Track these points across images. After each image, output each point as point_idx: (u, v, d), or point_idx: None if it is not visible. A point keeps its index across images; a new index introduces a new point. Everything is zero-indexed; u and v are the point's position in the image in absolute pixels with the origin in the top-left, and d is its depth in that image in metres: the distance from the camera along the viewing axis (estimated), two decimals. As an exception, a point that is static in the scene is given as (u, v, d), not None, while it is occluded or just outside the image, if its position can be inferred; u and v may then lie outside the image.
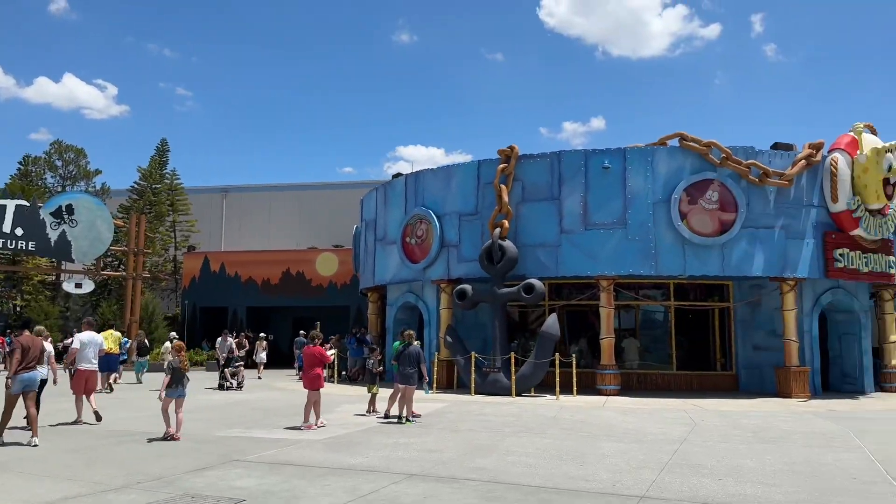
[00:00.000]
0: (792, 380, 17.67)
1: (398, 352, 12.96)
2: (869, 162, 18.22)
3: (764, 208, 17.96)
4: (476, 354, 17.83)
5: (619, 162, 18.31)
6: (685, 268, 17.88)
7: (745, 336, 19.91)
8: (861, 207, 18.36)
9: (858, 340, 19.90)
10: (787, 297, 18.15)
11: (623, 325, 21.59)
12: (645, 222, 17.97)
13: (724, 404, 15.87)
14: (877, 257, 18.97)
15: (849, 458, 9.13)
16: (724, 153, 17.87)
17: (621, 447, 9.84)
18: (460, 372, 18.59)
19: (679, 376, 19.94)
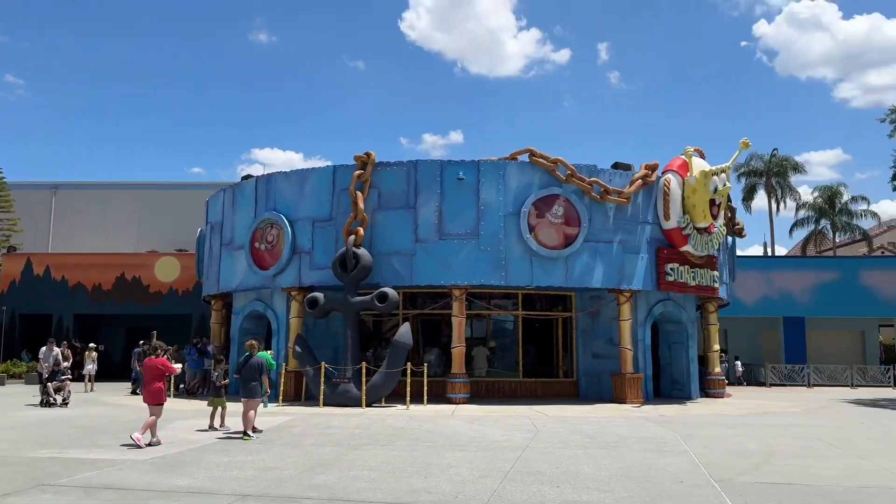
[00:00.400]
0: (627, 386, 18.68)
1: (239, 363, 12.26)
2: (698, 183, 19.70)
3: (604, 224, 18.91)
4: (326, 365, 17.33)
5: (473, 174, 18.58)
6: (533, 279, 18.43)
7: (585, 345, 20.86)
8: (690, 225, 19.80)
9: (686, 349, 21.48)
10: (623, 307, 19.19)
11: (476, 334, 21.96)
12: (496, 234, 18.34)
13: (566, 410, 16.45)
14: (703, 272, 20.52)
15: (677, 462, 9.64)
16: (570, 170, 18.64)
17: (466, 456, 9.83)
18: (309, 383, 17.99)
19: (525, 383, 20.52)
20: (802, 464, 9.62)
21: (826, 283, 30.72)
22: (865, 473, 8.99)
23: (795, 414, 17.20)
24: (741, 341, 32.70)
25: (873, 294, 30.64)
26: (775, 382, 29.01)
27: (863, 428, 14.30)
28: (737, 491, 7.75)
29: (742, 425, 14.29)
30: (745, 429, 13.67)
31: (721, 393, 21.84)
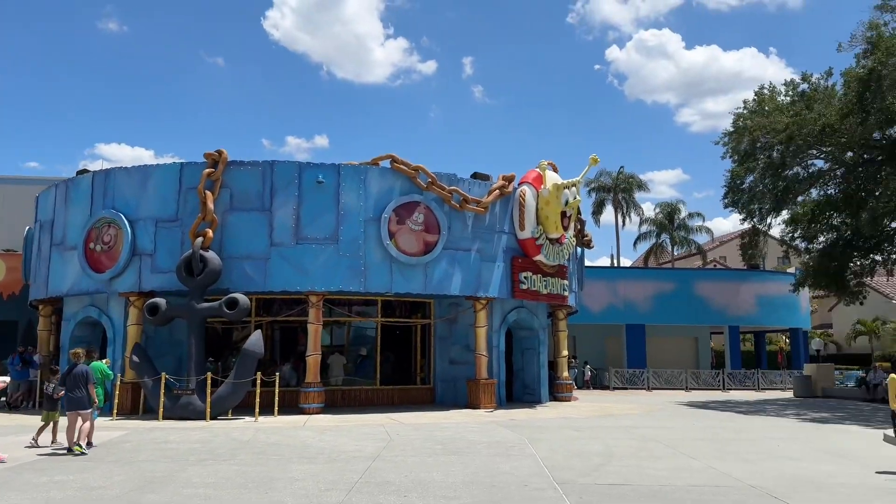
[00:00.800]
0: (481, 392, 18.97)
1: (63, 374, 11.15)
2: (550, 196, 20.42)
3: (462, 232, 19.13)
4: (168, 376, 16.22)
5: (333, 177, 18.17)
6: (392, 285, 18.27)
7: (442, 351, 21.00)
8: (543, 236, 20.47)
9: (538, 355, 22.18)
10: (479, 314, 19.49)
11: (336, 342, 21.48)
12: (356, 239, 18.02)
13: (421, 417, 16.42)
14: (554, 280, 21.28)
15: (524, 465, 9.81)
16: (431, 178, 18.71)
17: (313, 469, 9.46)
18: (148, 395, 16.75)
19: (382, 391, 20.31)
20: (639, 464, 10.09)
21: (664, 292, 32.97)
22: (695, 472, 9.56)
23: (635, 416, 18.20)
24: (588, 347, 34.36)
25: (706, 304, 33.25)
26: (618, 386, 30.69)
27: (694, 429, 15.34)
28: (577, 492, 7.95)
29: (586, 427, 14.88)
30: (588, 431, 14.24)
31: (569, 396, 22.76)
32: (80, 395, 10.85)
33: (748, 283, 34.25)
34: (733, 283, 34.09)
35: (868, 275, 24.98)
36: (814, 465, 10.38)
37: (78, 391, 10.85)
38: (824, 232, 25.03)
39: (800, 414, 19.55)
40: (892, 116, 19.38)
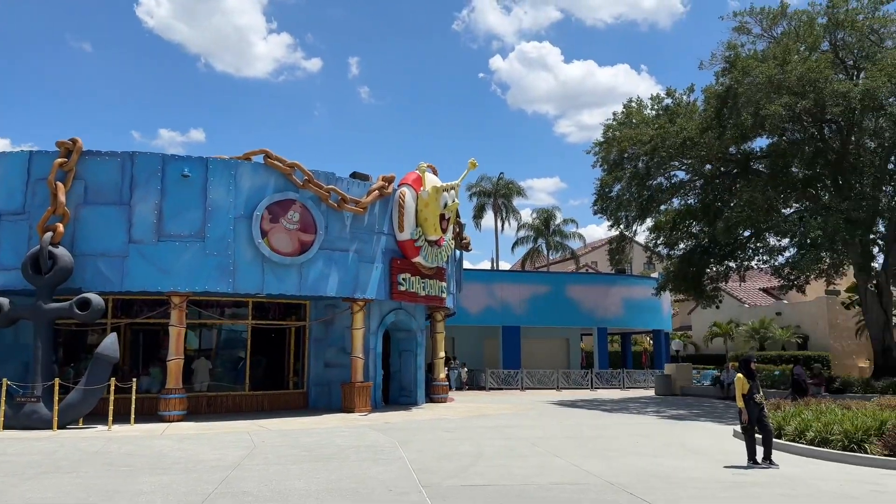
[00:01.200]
0: (356, 395, 18.66)
1: None
2: (430, 198, 20.44)
3: (340, 232, 18.75)
4: (9, 382, 14.79)
5: (200, 171, 17.27)
6: (264, 286, 17.60)
7: (317, 354, 20.50)
8: (422, 238, 20.45)
9: (415, 357, 22.12)
10: (356, 316, 19.18)
11: (205, 345, 20.45)
12: (225, 237, 17.21)
13: (291, 423, 15.90)
14: (433, 282, 21.30)
15: (391, 469, 9.64)
16: (307, 176, 18.21)
17: (165, 480, 8.85)
18: (-15, 403, 15.19)
19: (251, 397, 19.53)
20: (505, 463, 10.19)
21: (539, 295, 33.91)
22: (558, 470, 9.75)
23: (507, 415, 18.52)
24: (466, 348, 34.77)
25: (577, 306, 34.50)
26: (494, 386, 31.22)
27: (561, 427, 15.77)
28: (442, 495, 7.87)
29: (458, 428, 14.94)
30: (460, 432, 14.29)
31: (445, 398, 22.86)
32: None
33: (616, 287, 35.89)
34: (602, 287, 35.60)
35: (723, 280, 26.80)
36: (669, 460, 10.89)
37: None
38: (684, 239, 26.62)
39: (659, 411, 20.62)
40: (746, 132, 20.92)
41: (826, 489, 8.64)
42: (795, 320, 38.83)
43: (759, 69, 19.85)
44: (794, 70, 19.42)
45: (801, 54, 20.44)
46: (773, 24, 22.54)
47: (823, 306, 36.84)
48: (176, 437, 13.37)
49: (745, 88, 19.92)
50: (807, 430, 12.01)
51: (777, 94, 19.38)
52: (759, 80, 19.59)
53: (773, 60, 20.13)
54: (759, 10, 22.63)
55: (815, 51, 20.85)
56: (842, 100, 19.12)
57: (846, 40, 21.97)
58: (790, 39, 21.28)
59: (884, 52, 20.79)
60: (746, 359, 10.69)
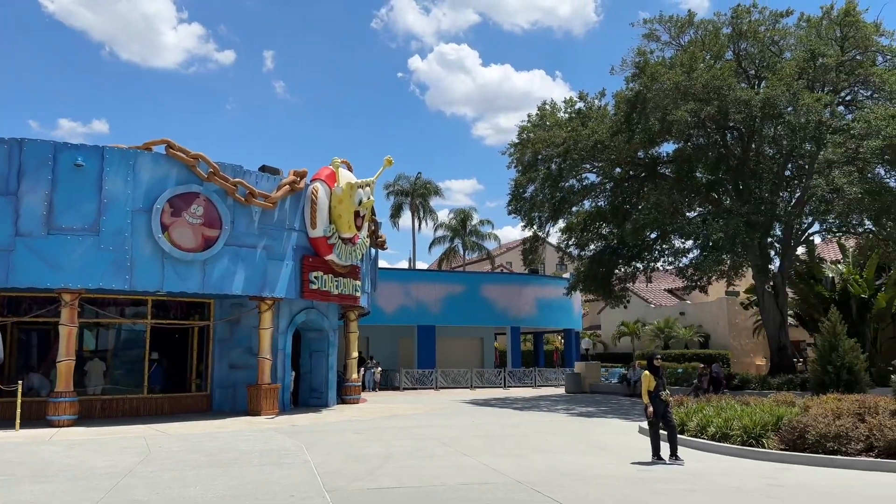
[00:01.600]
0: (263, 397, 17.99)
1: None
2: (344, 194, 19.94)
3: (248, 228, 18.04)
4: None
5: (96, 161, 16.22)
6: (164, 283, 16.71)
7: (222, 355, 19.68)
8: (336, 235, 19.95)
9: (326, 357, 21.57)
10: (264, 315, 18.50)
11: (102, 346, 19.25)
12: (122, 231, 16.23)
13: (192, 427, 15.14)
14: (346, 281, 20.83)
15: (295, 474, 9.23)
16: (213, 168, 17.41)
17: (48, 489, 8.15)
18: None
19: (150, 400, 18.53)
20: (415, 464, 9.96)
21: (455, 295, 33.93)
22: (467, 470, 9.60)
23: (419, 415, 18.31)
24: (381, 348, 34.40)
25: (491, 305, 34.74)
26: (408, 386, 30.99)
27: (472, 426, 15.69)
28: (347, 499, 7.56)
29: (369, 430, 14.61)
30: (370, 433, 13.97)
31: (357, 399, 22.44)
32: None
33: (529, 287, 36.38)
34: (516, 287, 36.00)
35: (630, 280, 27.55)
36: (577, 457, 10.95)
37: None
38: (594, 240, 27.21)
39: (569, 409, 20.92)
40: (654, 136, 21.56)
41: (726, 484, 8.85)
42: (698, 320, 40.48)
43: (667, 76, 20.49)
44: (699, 77, 20.14)
45: (706, 62, 21.25)
46: (680, 33, 23.35)
47: (724, 306, 38.56)
48: (64, 444, 12.45)
49: (653, 94, 20.51)
50: (708, 425, 12.35)
51: (683, 101, 20.06)
52: (666, 86, 20.22)
53: (680, 68, 20.82)
54: (668, 19, 23.41)
55: (720, 59, 21.73)
56: (744, 107, 19.98)
57: (748, 50, 23.01)
58: (697, 48, 22.11)
59: (783, 63, 21.87)
60: (651, 356, 10.88)
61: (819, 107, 19.73)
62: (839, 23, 21.90)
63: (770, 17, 22.95)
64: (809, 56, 21.51)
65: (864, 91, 22.33)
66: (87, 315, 17.66)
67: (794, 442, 10.68)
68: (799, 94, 19.91)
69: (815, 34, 22.38)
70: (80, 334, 17.94)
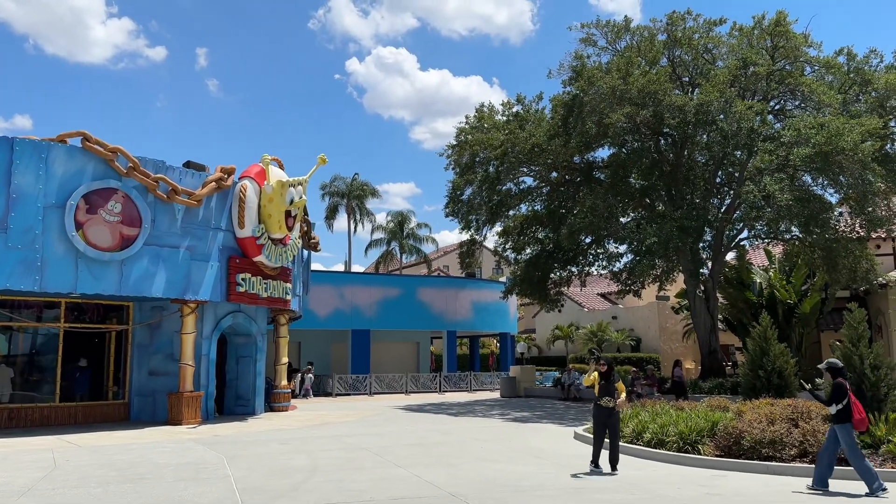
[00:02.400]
0: (184, 406, 17.05)
1: None
2: (274, 193, 19.16)
3: (170, 226, 17.10)
4: None
5: (4, 153, 15.03)
6: (77, 285, 15.63)
7: (141, 361, 18.60)
8: (265, 235, 19.13)
9: (254, 363, 20.67)
10: (187, 319, 17.56)
11: (11, 351, 17.89)
12: (32, 228, 15.08)
13: (106, 438, 14.15)
14: (276, 283, 20.01)
15: (212, 490, 8.57)
16: (132, 163, 16.42)
17: (-77, 518, 7.25)
18: None
19: (61, 409, 17.31)
20: (343, 478, 9.41)
21: (390, 298, 33.35)
22: (399, 482, 9.12)
23: (350, 423, 17.69)
24: (313, 353, 33.51)
25: (428, 309, 34.30)
26: (341, 392, 30.24)
27: (405, 434, 15.19)
28: (266, 520, 6.97)
29: (296, 439, 13.93)
30: (297, 443, 13.31)
31: (286, 406, 21.61)
32: None
33: (466, 291, 36.13)
34: (452, 290, 35.69)
35: (566, 284, 27.56)
36: (513, 466, 10.60)
37: None
38: (531, 244, 27.12)
39: (504, 414, 20.67)
40: (590, 140, 21.55)
41: (664, 493, 8.64)
42: (630, 324, 41.05)
43: (604, 80, 20.51)
44: (635, 82, 20.22)
45: (642, 68, 21.38)
46: (617, 38, 23.47)
47: (654, 311, 39.19)
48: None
49: (590, 98, 20.50)
50: (644, 431, 12.23)
51: (619, 105, 20.10)
52: (603, 90, 20.23)
53: (616, 72, 20.88)
54: (605, 24, 23.50)
55: (655, 65, 21.90)
56: (678, 112, 20.17)
57: (682, 58, 23.31)
58: (633, 53, 22.23)
59: (716, 71, 22.23)
60: (608, 361, 10.34)
61: (751, 114, 20.08)
62: (770, 32, 22.40)
63: (704, 24, 23.32)
64: (741, 64, 21.92)
65: (793, 101, 22.90)
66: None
67: (730, 448, 10.62)
68: (731, 102, 20.23)
69: (746, 43, 22.84)
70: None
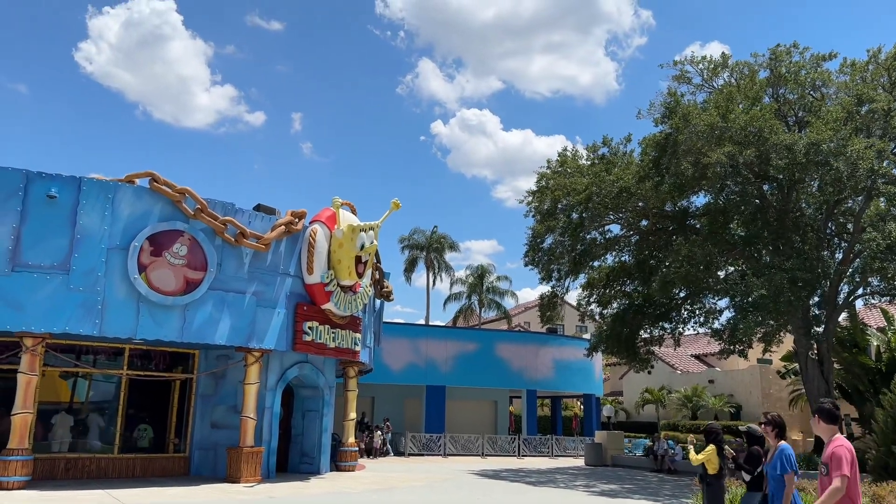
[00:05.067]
0: (243, 462, 15.96)
1: None
2: (345, 238, 18.28)
3: (237, 271, 16.40)
4: None
5: (71, 193, 14.75)
6: (138, 329, 15.00)
7: (204, 412, 17.75)
8: (334, 282, 18.20)
9: (321, 418, 19.51)
10: (251, 369, 16.64)
11: (80, 398, 17.46)
12: (94, 270, 14.63)
13: (155, 495, 13.16)
14: (345, 333, 18.94)
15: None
16: (200, 204, 15.88)
17: None
18: None
19: (119, 461, 16.56)
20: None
21: (467, 353, 31.82)
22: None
23: (418, 489, 16.13)
24: (387, 409, 32.17)
25: (506, 366, 32.53)
26: (414, 452, 28.67)
27: None
28: None
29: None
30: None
31: (353, 466, 20.21)
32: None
33: (547, 347, 34.18)
34: (533, 346, 33.81)
35: (657, 343, 25.35)
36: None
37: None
38: (617, 298, 25.19)
39: (590, 486, 18.56)
40: (686, 182, 19.70)
41: None
42: (728, 389, 37.81)
43: (701, 117, 18.77)
44: (737, 119, 18.40)
45: (744, 104, 19.53)
46: (713, 75, 21.75)
47: (756, 375, 35.96)
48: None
49: (685, 136, 18.76)
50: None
51: (719, 144, 18.28)
52: (700, 128, 18.45)
53: (715, 109, 19.13)
54: (701, 59, 21.83)
55: (758, 103, 20.01)
56: (786, 152, 18.12)
57: (787, 97, 21.30)
58: (732, 90, 20.41)
59: (827, 108, 20.08)
60: (717, 430, 9.37)
61: (870, 154, 17.82)
62: (887, 67, 20.19)
63: (811, 59, 21.30)
64: (856, 101, 19.73)
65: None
66: (57, 363, 15.99)
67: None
68: (847, 140, 18.04)
69: (860, 79, 20.65)
70: (59, 385, 16.30)
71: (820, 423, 5.58)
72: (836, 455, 5.24)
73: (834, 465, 5.21)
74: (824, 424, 5.56)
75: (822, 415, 5.58)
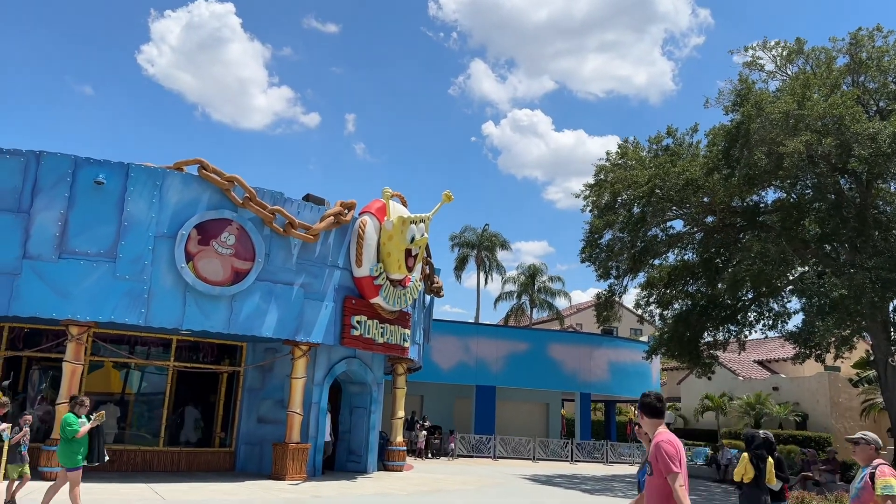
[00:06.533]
0: (289, 458, 15.50)
1: None
2: (395, 230, 17.69)
3: (285, 262, 15.94)
4: None
5: (119, 179, 14.50)
6: (185, 320, 14.66)
7: (251, 406, 17.38)
8: (383, 275, 17.63)
9: (368, 415, 18.98)
10: (298, 363, 16.17)
11: (130, 388, 17.33)
12: (141, 258, 14.35)
13: (196, 491, 12.77)
14: (394, 328, 18.36)
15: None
16: (249, 193, 15.46)
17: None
18: None
19: (164, 454, 16.30)
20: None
21: (518, 353, 30.89)
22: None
23: (466, 491, 15.39)
24: (435, 408, 31.51)
25: (559, 367, 31.47)
26: (463, 453, 27.93)
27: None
28: None
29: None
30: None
31: (400, 466, 19.61)
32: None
33: (602, 349, 32.99)
34: (587, 348, 32.64)
35: (721, 347, 24.01)
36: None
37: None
38: (679, 298, 23.95)
39: (650, 495, 17.50)
40: (758, 174, 18.41)
41: None
42: (794, 397, 35.84)
43: (775, 105, 17.48)
44: (815, 106, 17.07)
45: (821, 91, 18.16)
46: (788, 62, 20.35)
47: (825, 383, 33.96)
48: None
49: (758, 125, 17.50)
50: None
51: (795, 133, 16.98)
52: (774, 116, 17.18)
53: (790, 96, 17.82)
54: (774, 45, 20.46)
55: (836, 90, 18.58)
56: (869, 142, 16.71)
57: (867, 85, 19.78)
58: (808, 76, 19.02)
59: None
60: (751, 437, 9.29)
61: (963, 144, 16.31)
62: (983, 50, 18.57)
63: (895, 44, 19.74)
64: (946, 88, 18.19)
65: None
66: (104, 353, 15.84)
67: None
68: (936, 129, 16.56)
69: (949, 64, 19.03)
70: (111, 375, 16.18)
71: (643, 418, 5.20)
72: (661, 453, 4.84)
73: (662, 465, 4.83)
74: (647, 419, 5.18)
75: (644, 409, 5.22)
